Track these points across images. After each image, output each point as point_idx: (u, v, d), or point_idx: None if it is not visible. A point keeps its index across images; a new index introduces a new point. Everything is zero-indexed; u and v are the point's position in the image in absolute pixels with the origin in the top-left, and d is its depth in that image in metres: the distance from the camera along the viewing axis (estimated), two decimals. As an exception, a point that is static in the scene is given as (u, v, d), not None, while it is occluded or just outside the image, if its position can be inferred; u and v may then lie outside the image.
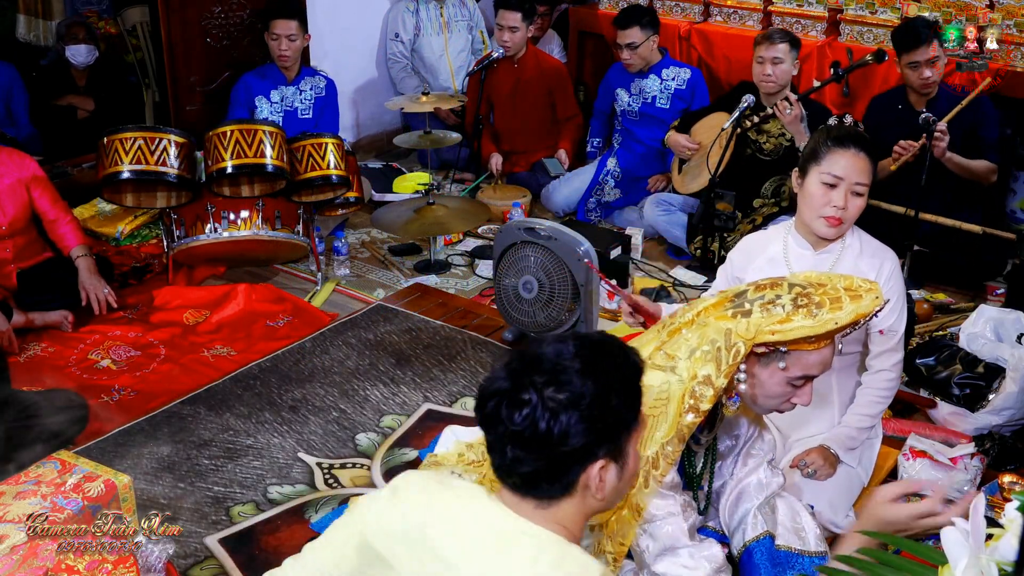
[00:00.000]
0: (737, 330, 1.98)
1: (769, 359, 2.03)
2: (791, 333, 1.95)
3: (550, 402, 1.42)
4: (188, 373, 3.58)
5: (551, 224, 3.53)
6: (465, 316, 3.98)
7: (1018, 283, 3.84)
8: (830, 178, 2.52)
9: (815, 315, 1.94)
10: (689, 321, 2.08)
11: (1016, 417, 3.15)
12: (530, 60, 5.23)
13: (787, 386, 2.05)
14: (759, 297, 2.00)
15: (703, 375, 2.00)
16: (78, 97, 5.20)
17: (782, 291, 2.00)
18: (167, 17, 4.77)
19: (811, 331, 1.95)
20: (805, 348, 2.00)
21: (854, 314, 1.95)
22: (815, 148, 2.58)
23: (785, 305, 1.97)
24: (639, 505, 2.05)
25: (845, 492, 2.66)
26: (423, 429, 3.21)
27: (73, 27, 5.19)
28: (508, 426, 1.43)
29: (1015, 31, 4.49)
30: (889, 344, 2.65)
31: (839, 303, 1.95)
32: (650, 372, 2.05)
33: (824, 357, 2.03)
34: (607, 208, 5.02)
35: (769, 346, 2.00)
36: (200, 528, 2.74)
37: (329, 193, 4.28)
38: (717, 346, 1.99)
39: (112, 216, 4.63)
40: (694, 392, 2.01)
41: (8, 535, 2.07)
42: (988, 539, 1.37)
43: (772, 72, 4.22)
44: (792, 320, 1.95)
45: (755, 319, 1.97)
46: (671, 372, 2.04)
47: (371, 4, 5.81)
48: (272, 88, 4.77)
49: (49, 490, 2.22)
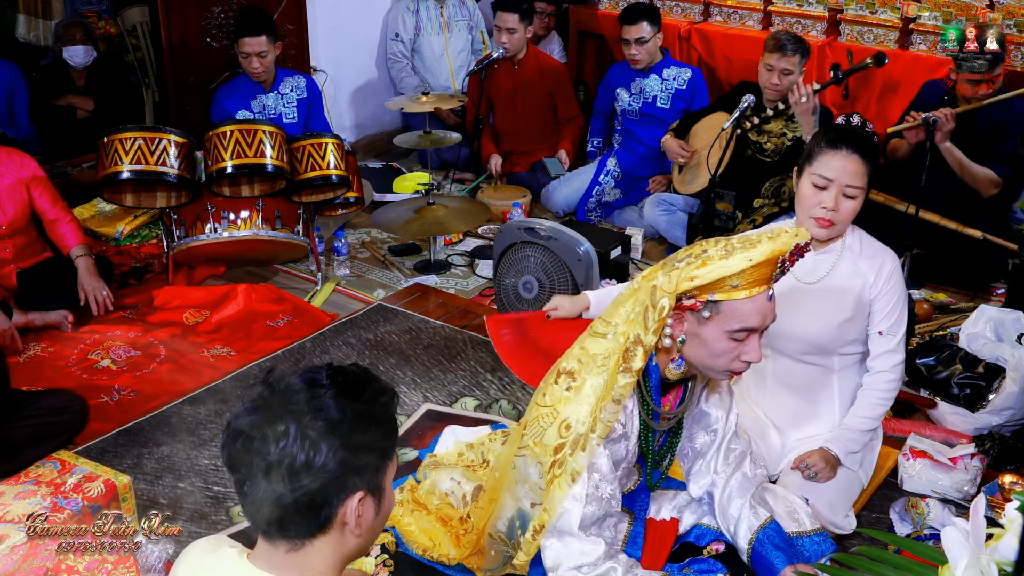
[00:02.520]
0: (661, 285, 2.01)
1: (708, 317, 2.03)
2: (708, 276, 1.97)
3: (308, 430, 1.35)
4: (188, 373, 3.58)
5: (551, 224, 3.53)
6: (465, 316, 3.98)
7: (1019, 283, 3.83)
8: (820, 179, 2.51)
9: (730, 255, 1.96)
10: (633, 290, 2.13)
11: (1016, 417, 3.15)
12: (531, 61, 5.23)
13: (730, 341, 2.04)
14: (688, 255, 2.04)
15: (634, 335, 2.05)
16: (78, 97, 5.19)
17: (709, 246, 2.02)
18: (167, 17, 4.77)
19: (727, 270, 1.95)
20: (736, 297, 2.00)
21: (770, 251, 1.96)
22: (810, 148, 2.58)
23: (709, 256, 2.00)
24: (575, 471, 2.07)
25: (844, 493, 2.66)
26: (423, 429, 3.21)
27: (71, 28, 5.18)
28: (264, 458, 1.35)
29: (1015, 31, 4.49)
30: (889, 346, 2.64)
31: (752, 244, 1.98)
32: (590, 340, 2.13)
33: (760, 306, 2.02)
34: (607, 208, 5.02)
35: (699, 299, 2.01)
36: (200, 528, 2.73)
37: (329, 193, 4.27)
38: (644, 305, 2.04)
39: (112, 216, 4.63)
40: (626, 353, 2.05)
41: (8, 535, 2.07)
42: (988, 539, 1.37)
43: (780, 82, 4.22)
44: (708, 264, 1.97)
45: (675, 272, 2.00)
46: (609, 338, 2.10)
47: (371, 4, 5.81)
48: (251, 99, 4.61)
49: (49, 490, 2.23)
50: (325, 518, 1.40)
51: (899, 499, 2.79)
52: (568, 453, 2.07)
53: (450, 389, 3.45)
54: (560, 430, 2.09)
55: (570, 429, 2.08)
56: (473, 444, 2.80)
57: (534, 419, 2.15)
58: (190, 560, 1.53)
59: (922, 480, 2.84)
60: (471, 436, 2.88)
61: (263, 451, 1.36)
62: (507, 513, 2.25)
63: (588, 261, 3.45)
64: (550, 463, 2.09)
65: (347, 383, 1.42)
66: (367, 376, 1.46)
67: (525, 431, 2.17)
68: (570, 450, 2.07)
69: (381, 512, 1.47)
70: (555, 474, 2.09)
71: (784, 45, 4.19)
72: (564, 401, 2.10)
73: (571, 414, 2.08)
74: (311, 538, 1.41)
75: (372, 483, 1.43)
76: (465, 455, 2.76)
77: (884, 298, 2.61)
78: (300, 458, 1.35)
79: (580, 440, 2.07)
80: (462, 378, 3.52)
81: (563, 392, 2.11)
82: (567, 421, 2.08)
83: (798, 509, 2.43)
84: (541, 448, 2.11)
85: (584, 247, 3.44)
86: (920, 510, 2.71)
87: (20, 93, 5.12)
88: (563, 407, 2.10)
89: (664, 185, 4.94)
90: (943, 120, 3.87)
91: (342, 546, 1.44)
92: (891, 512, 2.76)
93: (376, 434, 1.42)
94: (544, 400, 2.15)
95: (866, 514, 2.79)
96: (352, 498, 1.40)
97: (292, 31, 5.13)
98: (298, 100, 4.73)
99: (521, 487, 2.20)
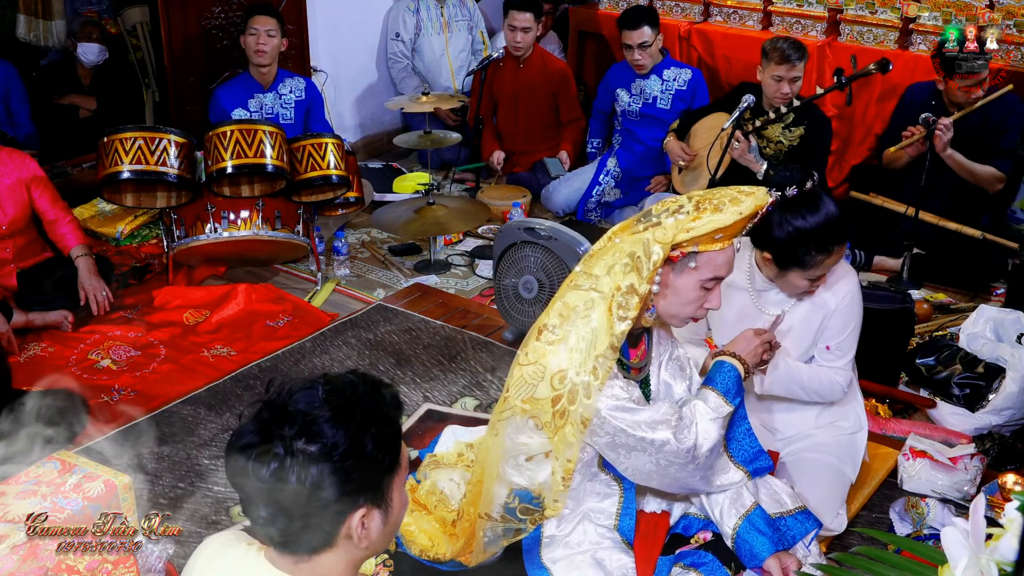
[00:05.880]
0: (655, 237, 2.11)
1: (682, 264, 2.15)
2: (704, 227, 2.09)
3: (300, 455, 1.35)
4: (188, 373, 3.58)
5: (551, 224, 3.53)
6: (465, 316, 3.98)
7: (1019, 283, 3.84)
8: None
9: (721, 210, 2.10)
10: (602, 247, 2.21)
11: (1016, 417, 3.15)
12: (536, 61, 5.23)
13: (700, 290, 2.18)
14: (664, 210, 2.15)
15: (627, 285, 2.12)
16: (81, 96, 5.20)
17: (683, 202, 2.15)
18: (167, 17, 4.78)
19: (722, 223, 2.09)
20: (713, 247, 2.13)
21: (753, 206, 2.12)
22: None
23: (689, 211, 2.12)
24: (584, 417, 2.12)
25: (833, 492, 2.67)
26: (423, 429, 3.21)
27: (87, 26, 5.20)
28: (260, 483, 1.36)
29: (1015, 31, 4.49)
30: (836, 364, 2.67)
31: (737, 200, 2.12)
32: (571, 294, 2.18)
33: (729, 257, 2.18)
34: (607, 208, 5.02)
35: (683, 251, 2.12)
36: (200, 528, 2.74)
37: (329, 193, 4.27)
38: (636, 256, 2.12)
39: (112, 216, 4.63)
40: (620, 303, 2.12)
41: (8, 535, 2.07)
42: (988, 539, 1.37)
43: (790, 90, 4.21)
44: (701, 218, 2.10)
45: (667, 224, 2.11)
46: (592, 290, 2.15)
47: (371, 4, 5.81)
48: (248, 97, 4.58)
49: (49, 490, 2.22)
50: (328, 536, 1.41)
51: (899, 499, 2.79)
52: (568, 403, 2.10)
53: (450, 389, 3.45)
54: (552, 382, 2.11)
55: (565, 379, 2.10)
56: (473, 444, 2.80)
57: (518, 379, 2.16)
58: (207, 556, 1.53)
59: (922, 480, 2.84)
60: (471, 436, 2.88)
61: (259, 476, 1.36)
62: (499, 499, 2.24)
63: (588, 261, 3.46)
64: (550, 415, 2.12)
65: (343, 402, 1.40)
66: (366, 389, 1.44)
67: (508, 392, 2.19)
68: (569, 400, 2.10)
69: (389, 521, 1.47)
70: (558, 424, 2.11)
71: (790, 56, 4.15)
72: (549, 354, 2.13)
73: (563, 364, 2.11)
74: (316, 553, 1.42)
75: (375, 498, 1.43)
76: (465, 455, 2.76)
77: (837, 315, 2.65)
78: (292, 481, 1.35)
79: (582, 388, 2.09)
80: (462, 378, 3.52)
81: (546, 346, 2.14)
82: (559, 373, 2.11)
83: (779, 490, 2.46)
84: (532, 404, 2.13)
85: (584, 247, 3.44)
86: (920, 510, 2.71)
87: (16, 92, 5.11)
88: (549, 359, 2.12)
89: (664, 185, 4.94)
90: (942, 130, 3.91)
91: (350, 555, 1.45)
92: (891, 512, 2.77)
93: (374, 451, 1.40)
94: (527, 359, 2.16)
95: (866, 514, 2.80)
96: (354, 515, 1.40)
97: (292, 31, 5.12)
98: (296, 102, 4.69)
99: (508, 463, 2.20)
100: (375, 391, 1.45)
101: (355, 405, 1.41)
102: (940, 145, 3.93)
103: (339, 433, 1.37)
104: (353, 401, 1.41)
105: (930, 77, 4.37)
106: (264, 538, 1.44)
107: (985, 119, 4.09)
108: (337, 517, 1.39)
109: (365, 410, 1.42)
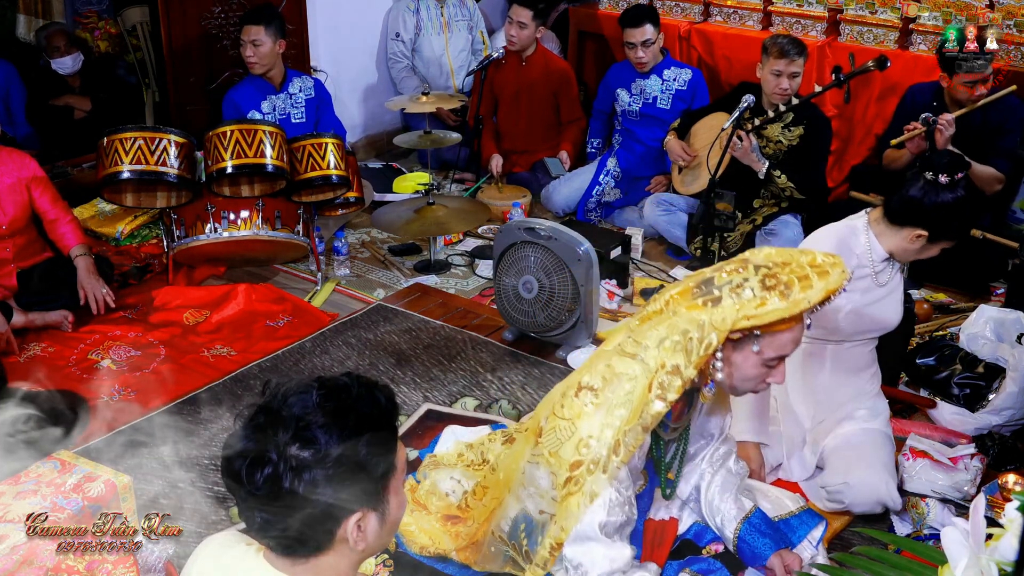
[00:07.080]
0: (712, 321, 2.00)
1: (743, 344, 2.05)
2: (766, 317, 1.98)
3: (293, 461, 1.34)
4: (188, 373, 3.57)
5: (551, 224, 3.53)
6: (465, 316, 3.98)
7: (1019, 283, 3.83)
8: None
9: (787, 296, 1.97)
10: (658, 310, 2.11)
11: (1016, 417, 3.15)
12: (538, 60, 5.23)
13: (762, 367, 2.08)
14: (727, 282, 2.02)
15: (672, 365, 2.03)
16: (75, 97, 5.20)
17: (748, 273, 2.01)
18: (167, 17, 4.78)
19: (785, 312, 1.97)
20: (779, 329, 2.02)
21: (824, 291, 1.99)
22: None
23: (754, 288, 1.99)
24: (594, 492, 2.05)
25: (886, 456, 2.74)
26: (423, 429, 3.21)
27: (53, 38, 5.14)
28: (254, 490, 1.35)
29: (1015, 31, 4.49)
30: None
31: (808, 281, 1.98)
32: (617, 359, 2.08)
33: (796, 336, 2.06)
34: (607, 208, 5.02)
35: (744, 331, 2.02)
36: (200, 528, 2.73)
37: (329, 193, 4.27)
38: (689, 336, 2.02)
39: (112, 216, 4.63)
40: (662, 382, 2.03)
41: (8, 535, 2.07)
42: (988, 539, 1.37)
43: (788, 86, 4.22)
44: (766, 304, 1.97)
45: (727, 306, 1.99)
46: (638, 361, 2.06)
47: (371, 4, 5.81)
48: (262, 99, 4.58)
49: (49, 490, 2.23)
50: (324, 539, 1.40)
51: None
52: (586, 472, 2.04)
53: (450, 389, 3.45)
54: (578, 447, 2.05)
55: (589, 449, 2.04)
56: (473, 444, 2.80)
57: (551, 428, 2.11)
58: (207, 556, 1.53)
59: (922, 480, 2.84)
60: (471, 436, 2.87)
61: (250, 481, 1.36)
62: (511, 513, 2.24)
63: (588, 261, 3.45)
64: (565, 478, 2.07)
65: (337, 406, 1.39)
66: (360, 392, 1.43)
67: (541, 439, 2.14)
68: (588, 470, 2.04)
69: (387, 523, 1.46)
70: (571, 491, 2.05)
71: (789, 51, 4.17)
72: (584, 416, 2.06)
73: (591, 432, 2.05)
74: (313, 556, 1.42)
75: (371, 501, 1.42)
76: (465, 455, 2.76)
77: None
78: (285, 487, 1.34)
79: (600, 462, 2.03)
80: (462, 378, 3.52)
81: (583, 408, 2.07)
82: (586, 439, 2.05)
83: (781, 496, 2.46)
84: (556, 460, 2.09)
85: (584, 247, 3.44)
86: (920, 510, 2.71)
87: (16, 92, 5.12)
88: (582, 423, 2.06)
89: (664, 185, 4.94)
90: (944, 126, 3.90)
91: (349, 557, 1.45)
92: (891, 512, 2.76)
93: (369, 455, 1.39)
94: (563, 412, 2.11)
95: (866, 514, 2.80)
96: (350, 519, 1.40)
97: (292, 31, 5.12)
98: (306, 100, 4.72)
99: (526, 490, 2.19)
100: (370, 393, 1.44)
101: (349, 409, 1.40)
102: (941, 141, 3.92)
103: (333, 438, 1.36)
104: (347, 405, 1.40)
105: (930, 77, 4.37)
106: (265, 544, 1.45)
107: (985, 119, 4.09)
108: (333, 522, 1.39)
109: (359, 414, 1.40)
